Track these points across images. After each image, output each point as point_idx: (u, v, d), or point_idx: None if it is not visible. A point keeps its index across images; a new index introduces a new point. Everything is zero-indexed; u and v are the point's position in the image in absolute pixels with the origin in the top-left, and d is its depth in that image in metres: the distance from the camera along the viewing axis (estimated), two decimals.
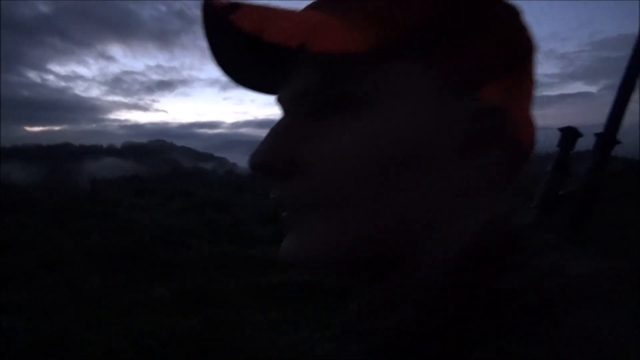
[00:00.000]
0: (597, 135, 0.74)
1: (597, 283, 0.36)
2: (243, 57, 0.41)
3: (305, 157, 0.38)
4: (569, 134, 0.74)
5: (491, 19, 0.38)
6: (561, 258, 0.36)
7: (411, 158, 0.36)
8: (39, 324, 3.52)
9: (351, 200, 0.36)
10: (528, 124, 0.42)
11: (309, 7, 0.41)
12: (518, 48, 0.40)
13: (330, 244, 0.37)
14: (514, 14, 0.40)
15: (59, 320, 3.67)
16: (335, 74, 0.37)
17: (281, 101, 0.42)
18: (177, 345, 3.33)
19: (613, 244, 5.94)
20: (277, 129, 0.40)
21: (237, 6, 0.35)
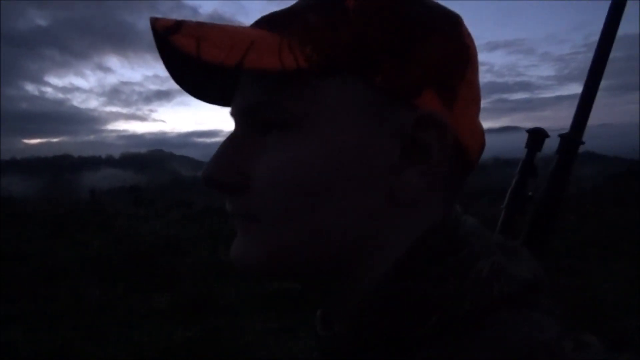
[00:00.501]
0: (561, 136, 0.75)
1: (534, 286, 0.37)
2: (193, 74, 0.43)
3: (252, 172, 0.39)
4: (536, 136, 0.75)
5: (429, 29, 0.39)
6: (502, 261, 0.37)
7: (348, 172, 0.37)
8: (38, 336, 3.51)
9: (288, 214, 0.38)
10: (473, 131, 0.42)
11: (256, 24, 0.41)
12: (458, 56, 0.40)
13: (269, 253, 0.39)
14: (453, 23, 0.41)
15: (58, 331, 3.66)
16: (274, 91, 0.38)
17: (233, 114, 0.43)
18: (177, 355, 3.31)
19: (613, 244, 5.93)
20: (228, 144, 0.41)
21: (179, 26, 0.36)
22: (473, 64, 0.42)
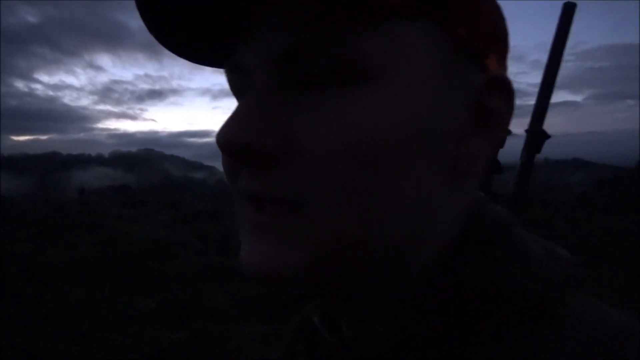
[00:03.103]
0: (527, 131, 0.78)
1: (579, 267, 0.35)
2: (181, 16, 0.32)
3: (301, 137, 0.29)
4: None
5: None
6: (546, 242, 0.35)
7: (421, 140, 0.31)
8: (22, 338, 3.45)
9: (350, 193, 0.29)
10: None
11: None
12: (502, 20, 0.36)
13: (317, 253, 0.30)
14: None
15: (42, 334, 3.60)
16: (343, 31, 0.28)
17: (252, 65, 0.32)
18: (163, 359, 3.27)
19: (606, 250, 5.99)
20: (257, 100, 0.30)
21: None
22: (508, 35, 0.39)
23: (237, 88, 0.35)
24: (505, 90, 0.34)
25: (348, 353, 0.36)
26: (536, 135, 0.77)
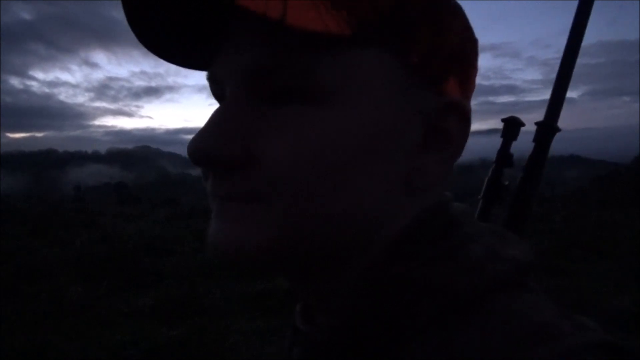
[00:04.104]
0: (537, 124, 0.76)
1: (527, 268, 0.36)
2: (170, 18, 0.36)
3: (262, 147, 0.33)
4: (511, 124, 0.75)
5: (452, 10, 0.37)
6: (495, 243, 0.37)
7: (374, 153, 0.35)
8: (18, 336, 3.44)
9: (305, 193, 0.33)
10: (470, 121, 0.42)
11: None
12: (470, 43, 0.39)
13: (275, 237, 0.34)
14: (461, 10, 0.39)
15: (39, 331, 3.60)
16: (303, 55, 0.32)
17: (223, 78, 0.36)
18: (160, 356, 3.27)
19: (597, 245, 6.02)
20: (224, 112, 0.35)
21: None
22: (477, 53, 0.42)
23: (216, 95, 0.39)
24: (461, 113, 0.37)
25: (302, 341, 0.40)
26: (543, 127, 0.75)
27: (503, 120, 0.75)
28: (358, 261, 0.37)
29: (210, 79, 0.38)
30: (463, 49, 0.38)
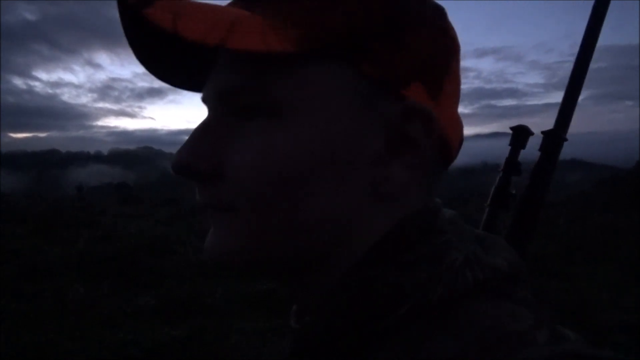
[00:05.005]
0: (544, 133, 0.75)
1: (510, 277, 0.37)
2: (163, 53, 0.40)
3: (230, 160, 0.37)
4: (520, 133, 0.74)
5: (420, 20, 0.38)
6: (477, 251, 0.37)
7: (332, 163, 0.36)
8: (20, 335, 3.45)
9: (267, 203, 0.36)
10: (454, 122, 0.41)
11: (232, 3, 0.39)
12: (445, 49, 0.40)
13: (245, 244, 0.37)
14: (439, 15, 0.40)
15: (41, 330, 3.60)
16: (258, 75, 0.36)
17: (206, 99, 0.41)
18: (162, 355, 3.28)
19: (599, 249, 6.00)
20: (201, 130, 0.39)
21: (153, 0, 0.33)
22: (457, 57, 0.42)
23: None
24: (424, 119, 0.37)
25: (293, 338, 0.41)
26: (550, 137, 0.74)
27: (512, 128, 0.75)
28: (336, 266, 0.38)
29: (202, 99, 0.42)
30: (431, 55, 0.38)
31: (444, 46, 0.39)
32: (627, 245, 6.16)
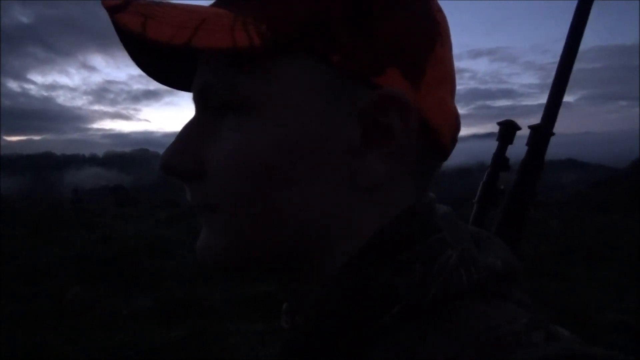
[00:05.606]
0: (531, 127, 0.74)
1: (505, 277, 0.37)
2: (156, 55, 0.41)
3: (209, 159, 0.37)
4: (507, 128, 0.74)
5: (392, 5, 0.36)
6: (472, 250, 0.37)
7: (306, 157, 0.35)
8: (18, 337, 3.44)
9: (243, 201, 0.36)
10: (443, 111, 0.39)
11: (214, 3, 0.39)
12: (425, 33, 0.37)
13: (227, 244, 0.37)
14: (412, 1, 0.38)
15: (38, 332, 3.59)
16: (226, 72, 0.36)
17: (193, 99, 0.41)
18: (160, 357, 3.27)
19: (596, 250, 6.03)
20: (185, 130, 0.39)
21: (127, 4, 0.34)
22: (444, 41, 0.39)
23: None
24: (400, 106, 0.35)
25: (284, 339, 0.40)
26: (536, 131, 0.73)
27: (499, 123, 0.74)
28: (326, 263, 0.37)
29: (192, 99, 0.42)
30: (408, 39, 0.36)
31: (424, 29, 0.37)
32: (624, 246, 6.19)
